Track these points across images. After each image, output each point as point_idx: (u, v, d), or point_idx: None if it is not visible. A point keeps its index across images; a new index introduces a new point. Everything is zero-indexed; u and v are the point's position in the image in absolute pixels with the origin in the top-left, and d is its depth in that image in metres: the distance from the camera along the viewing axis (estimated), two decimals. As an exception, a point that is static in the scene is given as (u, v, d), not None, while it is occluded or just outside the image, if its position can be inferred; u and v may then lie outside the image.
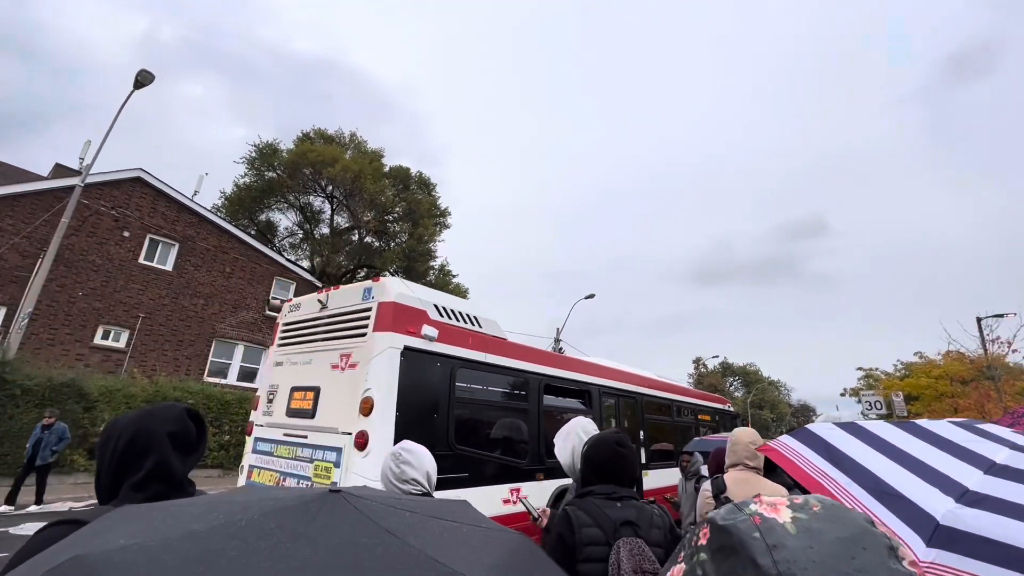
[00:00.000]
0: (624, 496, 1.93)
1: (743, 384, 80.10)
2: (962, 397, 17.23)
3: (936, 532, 0.81)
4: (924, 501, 0.86)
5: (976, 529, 0.79)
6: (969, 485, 0.86)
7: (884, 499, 0.90)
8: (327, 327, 5.10)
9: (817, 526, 0.45)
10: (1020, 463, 0.88)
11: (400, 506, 0.69)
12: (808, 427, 1.19)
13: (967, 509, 0.82)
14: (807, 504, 0.49)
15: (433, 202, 25.13)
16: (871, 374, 30.23)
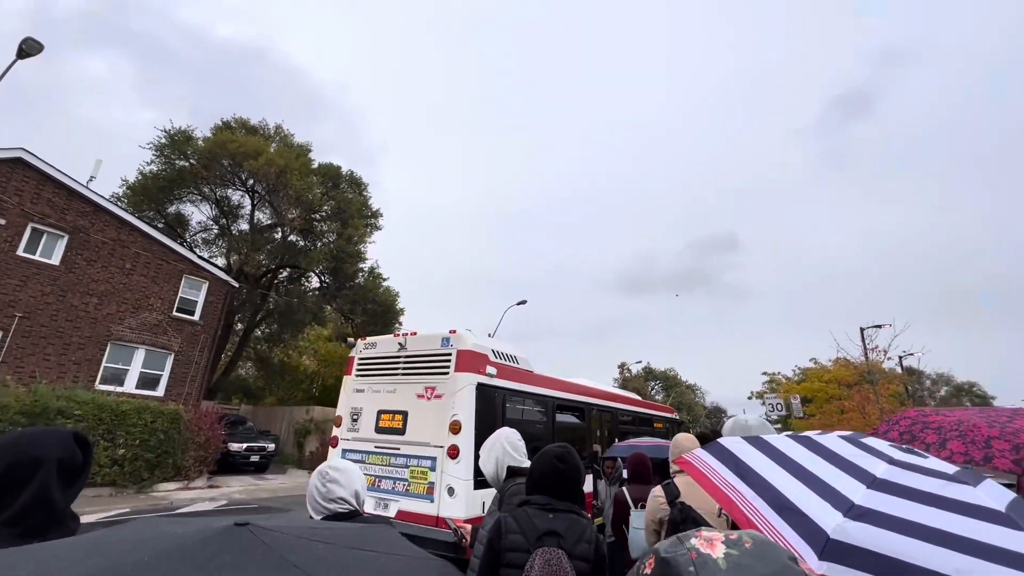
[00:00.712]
0: (559, 508, 1.99)
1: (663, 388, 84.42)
2: (847, 399, 19.34)
3: (827, 546, 0.88)
4: (817, 515, 0.94)
5: (861, 542, 0.87)
6: (855, 500, 0.95)
7: (784, 513, 0.98)
8: (408, 365, 6.59)
9: (745, 562, 0.50)
10: (896, 477, 0.99)
11: (314, 537, 0.66)
12: (720, 441, 1.27)
13: (853, 523, 0.90)
14: (740, 540, 0.55)
15: (364, 202, 24.32)
16: (774, 378, 33.05)
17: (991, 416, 3.49)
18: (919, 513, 0.89)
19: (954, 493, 0.93)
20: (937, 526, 0.86)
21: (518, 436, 2.99)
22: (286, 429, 20.87)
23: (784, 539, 0.93)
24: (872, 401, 17.32)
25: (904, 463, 1.04)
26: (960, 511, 0.88)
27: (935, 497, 0.92)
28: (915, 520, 0.88)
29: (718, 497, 1.09)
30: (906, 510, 0.90)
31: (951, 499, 0.91)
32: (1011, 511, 0.88)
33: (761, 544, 0.54)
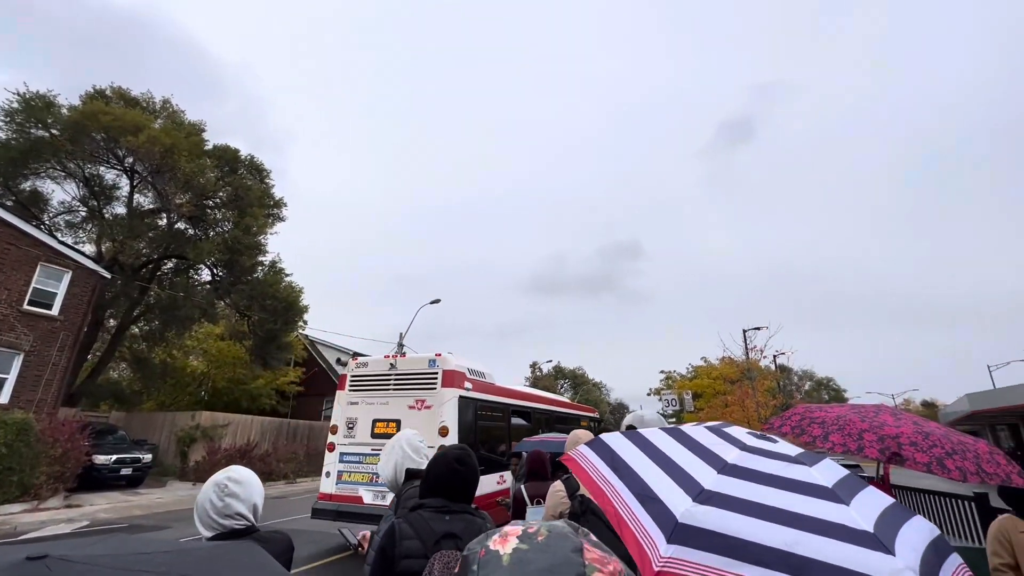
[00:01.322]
0: (455, 510, 1.97)
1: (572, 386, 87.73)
2: (730, 394, 21.47)
3: (675, 530, 0.94)
4: (671, 502, 1.01)
5: (705, 524, 0.94)
6: (705, 485, 1.03)
7: (645, 502, 1.03)
8: (399, 382, 7.99)
9: (530, 556, 0.51)
10: (744, 462, 1.10)
11: (140, 567, 0.57)
12: (601, 437, 1.32)
13: (700, 506, 0.97)
14: (536, 533, 0.56)
15: (266, 190, 22.56)
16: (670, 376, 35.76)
17: (862, 412, 4.08)
18: (759, 493, 0.99)
19: (792, 473, 1.05)
20: (773, 504, 0.96)
21: (420, 438, 2.93)
22: (167, 437, 18.79)
23: (642, 526, 0.98)
24: (751, 396, 19.40)
25: (754, 448, 1.15)
26: (794, 489, 1.00)
27: (775, 478, 1.03)
28: (755, 500, 0.97)
29: (592, 491, 1.14)
30: (748, 492, 0.99)
31: (788, 479, 1.03)
32: (837, 487, 1.01)
33: (555, 536, 0.55)
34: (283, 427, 21.87)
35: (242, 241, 20.29)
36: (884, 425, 3.71)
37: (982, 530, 4.62)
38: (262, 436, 20.39)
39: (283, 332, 22.57)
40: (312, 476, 20.44)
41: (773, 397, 21.08)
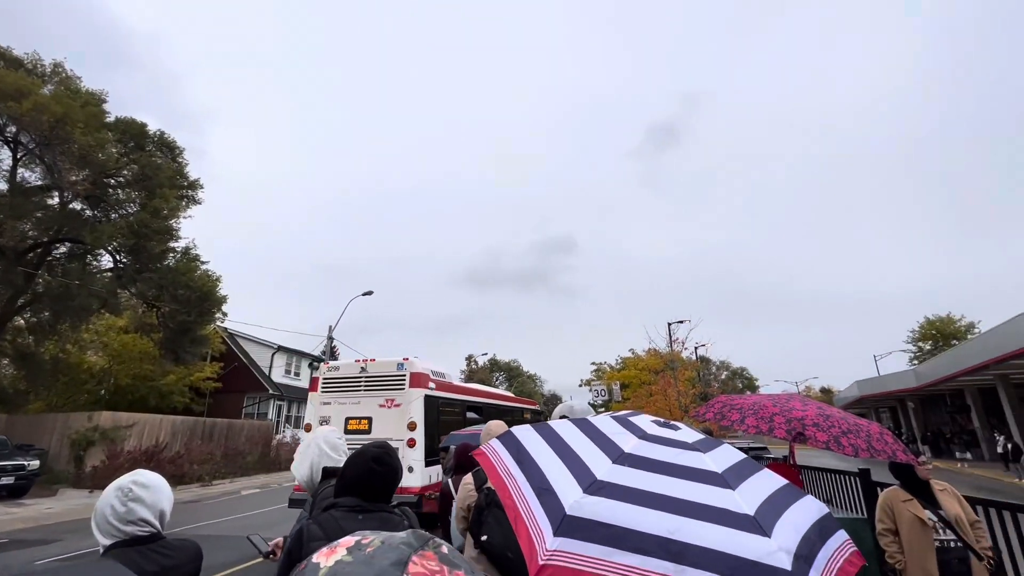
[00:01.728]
0: (369, 509, 1.88)
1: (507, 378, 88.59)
2: (654, 384, 22.60)
3: (563, 522, 0.92)
4: (563, 494, 0.99)
5: (593, 515, 0.92)
6: (598, 475, 1.02)
7: (541, 495, 1.02)
8: (369, 383, 8.81)
9: (348, 570, 0.48)
10: (640, 450, 1.10)
11: None
12: (512, 430, 1.30)
13: (590, 498, 0.96)
14: (367, 544, 0.52)
15: (179, 170, 20.71)
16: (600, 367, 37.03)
17: (775, 399, 4.53)
18: (649, 482, 0.99)
19: (685, 460, 1.06)
20: (661, 492, 0.97)
21: (338, 435, 2.80)
22: (58, 441, 16.89)
23: (535, 520, 0.96)
24: (673, 385, 20.54)
25: (654, 436, 1.16)
26: (684, 476, 1.01)
27: (667, 465, 1.04)
28: (644, 489, 0.98)
29: (496, 484, 1.11)
30: (639, 480, 1.00)
31: (680, 466, 1.05)
32: (727, 473, 1.04)
33: (384, 549, 0.51)
34: (198, 426, 20.35)
35: (150, 225, 18.51)
36: (792, 409, 4.13)
37: (864, 502, 5.16)
38: (173, 437, 18.85)
39: (198, 324, 20.92)
40: (231, 477, 19.20)
41: (693, 386, 22.46)
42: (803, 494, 1.11)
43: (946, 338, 39.19)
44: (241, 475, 19.99)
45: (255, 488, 17.35)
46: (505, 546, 2.58)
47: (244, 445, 21.64)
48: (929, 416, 33.75)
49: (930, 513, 3.52)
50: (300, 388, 33.06)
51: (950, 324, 40.61)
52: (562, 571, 0.88)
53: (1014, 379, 23.43)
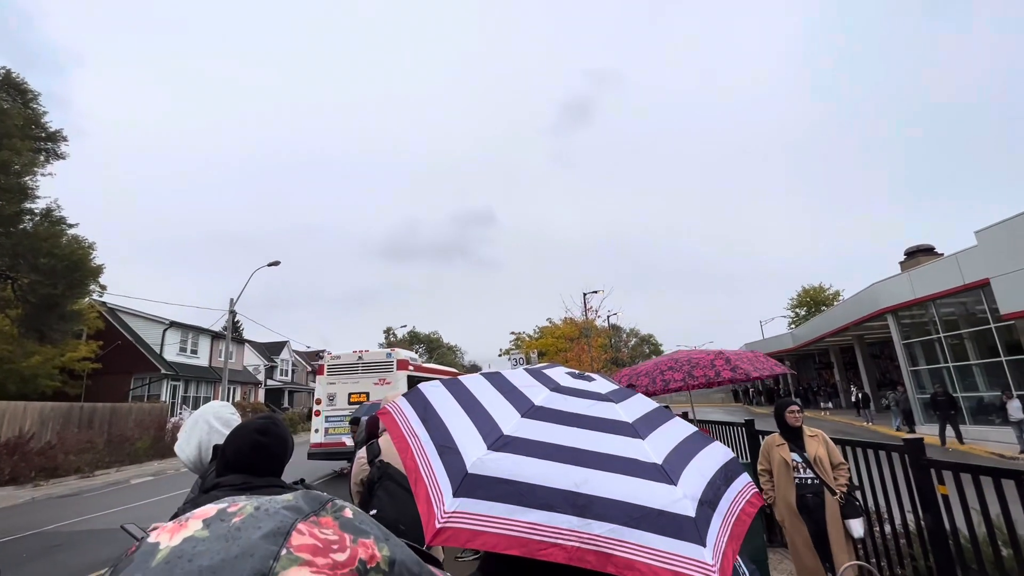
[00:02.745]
0: (257, 486, 1.73)
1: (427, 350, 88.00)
2: (569, 351, 23.59)
3: (464, 481, 0.87)
4: (466, 451, 0.93)
5: (496, 472, 0.87)
6: (505, 430, 0.96)
7: (444, 453, 0.95)
8: (365, 367, 12.07)
9: (200, 548, 0.35)
10: (551, 403, 1.05)
11: None
12: (419, 386, 1.20)
13: (494, 454, 0.91)
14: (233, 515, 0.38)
15: (34, 118, 17.61)
16: (519, 337, 37.87)
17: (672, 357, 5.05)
18: (558, 435, 0.96)
19: (596, 411, 1.04)
20: (569, 444, 0.94)
21: (231, 409, 2.55)
22: None
23: (435, 481, 0.91)
24: (587, 351, 21.58)
25: (567, 388, 1.12)
26: (594, 427, 1.00)
27: (578, 417, 1.02)
28: (552, 442, 0.94)
29: (399, 445, 1.04)
30: (548, 433, 0.96)
31: (591, 417, 1.03)
32: (638, 423, 1.04)
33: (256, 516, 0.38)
34: (73, 412, 18.08)
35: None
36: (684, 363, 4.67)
37: (749, 449, 5.75)
38: (42, 425, 16.60)
39: (67, 298, 18.29)
40: (118, 466, 17.39)
41: (605, 352, 23.74)
42: (711, 440, 1.15)
43: (817, 305, 44.58)
44: (131, 463, 18.17)
45: (148, 476, 15.87)
46: (396, 519, 2.54)
47: (132, 430, 19.62)
48: (801, 372, 38.55)
49: (796, 455, 4.05)
50: (198, 367, 30.41)
51: (821, 292, 46.18)
52: (461, 533, 0.84)
53: (868, 339, 27.34)
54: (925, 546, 3.58)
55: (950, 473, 3.33)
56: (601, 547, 0.80)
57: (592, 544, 0.81)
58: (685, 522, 0.83)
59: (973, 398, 16.72)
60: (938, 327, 17.87)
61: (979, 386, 16.55)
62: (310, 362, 49.35)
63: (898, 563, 3.95)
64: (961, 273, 15.96)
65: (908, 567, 3.87)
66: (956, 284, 16.23)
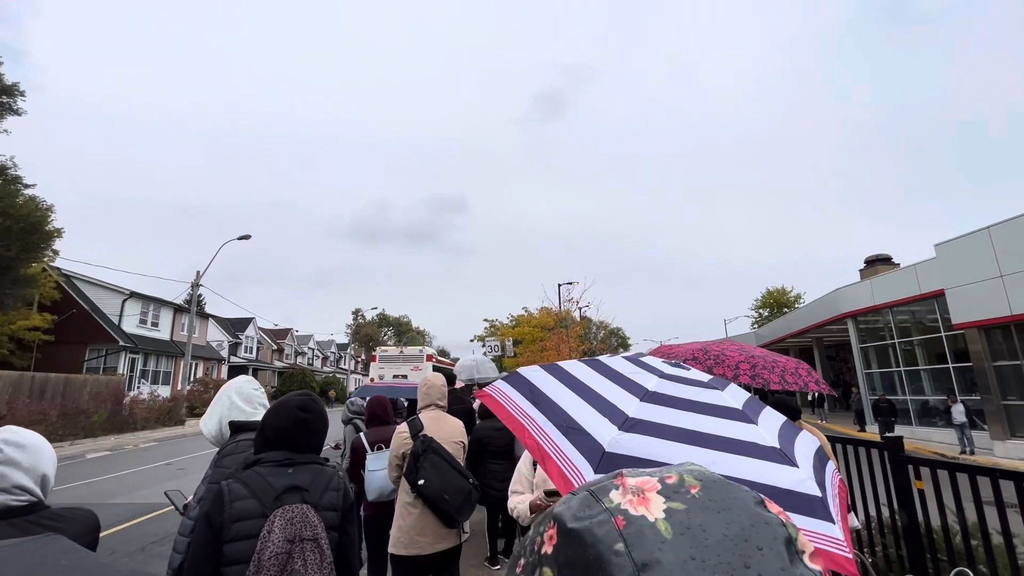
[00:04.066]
0: (300, 462, 1.75)
1: (396, 333, 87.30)
2: (547, 340, 23.83)
3: (603, 459, 0.94)
4: (597, 432, 0.99)
5: (631, 451, 0.95)
6: (629, 413, 1.04)
7: (570, 434, 1.00)
8: (404, 359, 17.02)
9: (698, 520, 0.34)
10: (664, 389, 1.13)
11: None
12: (519, 370, 1.26)
13: (626, 434, 0.98)
14: (682, 484, 0.37)
15: (-13, 68, 16.46)
16: (493, 324, 37.93)
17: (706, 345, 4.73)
18: (679, 418, 1.03)
19: (707, 398, 1.12)
20: (691, 428, 1.01)
21: (255, 385, 2.51)
22: None
23: (568, 459, 0.95)
24: (565, 341, 21.84)
25: (671, 376, 1.21)
26: (710, 412, 1.07)
27: (692, 403, 1.09)
28: (675, 425, 1.01)
29: (512, 426, 1.08)
30: (669, 417, 1.03)
31: (704, 403, 1.10)
32: (746, 408, 1.11)
33: (713, 487, 0.38)
34: (24, 382, 17.17)
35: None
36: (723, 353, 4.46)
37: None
38: (-11, 395, 15.73)
39: (21, 262, 17.29)
40: (72, 439, 16.66)
41: (582, 343, 24.10)
42: (800, 428, 1.23)
43: (780, 306, 46.30)
44: (85, 436, 17.44)
45: (104, 451, 15.29)
46: (442, 488, 2.74)
47: (88, 403, 18.78)
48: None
49: None
50: (159, 340, 29.30)
51: (784, 295, 47.95)
52: None
53: (826, 341, 28.64)
54: (898, 537, 3.84)
55: (927, 470, 3.57)
56: None
57: None
58: (815, 501, 0.88)
59: (919, 401, 17.80)
60: (892, 333, 18.87)
61: (926, 390, 17.61)
62: (276, 340, 48.22)
63: (871, 552, 4.23)
64: (918, 283, 16.87)
65: (880, 556, 4.14)
66: (913, 293, 17.16)
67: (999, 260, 13.77)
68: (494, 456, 4.58)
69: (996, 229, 13.94)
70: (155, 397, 22.15)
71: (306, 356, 54.82)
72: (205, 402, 25.08)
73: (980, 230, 14.39)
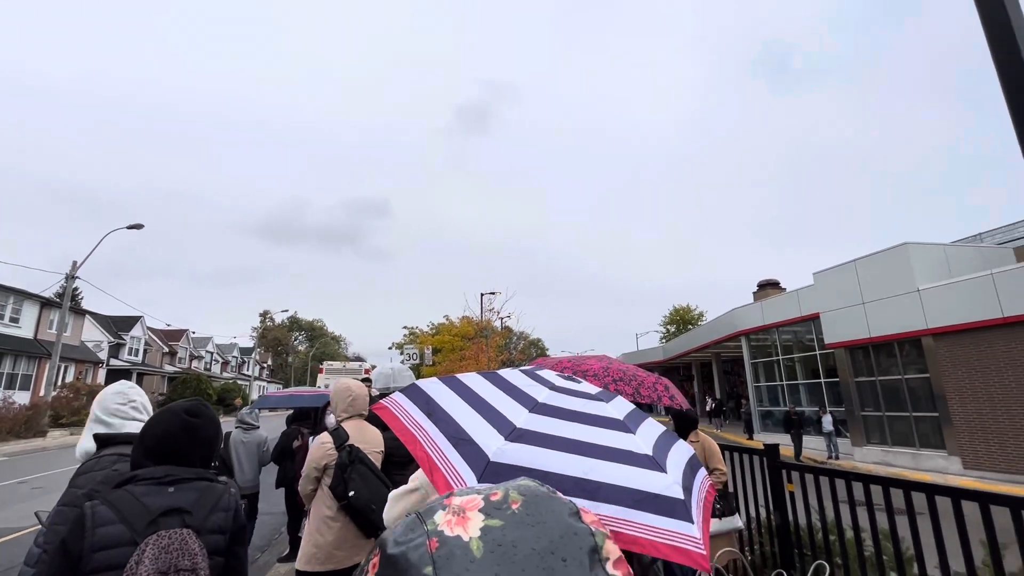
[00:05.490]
0: (185, 478, 1.55)
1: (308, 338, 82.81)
2: (467, 349, 23.83)
3: (487, 468, 0.97)
4: (484, 442, 1.02)
5: (514, 461, 0.98)
6: (517, 424, 1.08)
7: (459, 444, 1.02)
8: (348, 371, 18.83)
9: (512, 536, 0.35)
10: (554, 400, 1.19)
11: None
12: (416, 383, 1.25)
13: (511, 444, 1.02)
14: (506, 500, 0.39)
15: None
16: (413, 331, 37.25)
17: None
18: (563, 428, 1.09)
19: (591, 409, 1.19)
20: (575, 437, 1.07)
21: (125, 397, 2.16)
22: None
23: (455, 469, 0.97)
24: (484, 351, 21.97)
25: (562, 388, 1.27)
26: (593, 423, 1.13)
27: (578, 413, 1.15)
28: (559, 435, 1.07)
29: (404, 438, 1.07)
30: (555, 427, 1.09)
31: (589, 414, 1.16)
32: (627, 419, 1.19)
33: (535, 500, 0.39)
34: None
35: None
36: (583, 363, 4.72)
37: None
38: None
39: None
40: None
41: (501, 353, 24.36)
42: (676, 437, 1.33)
43: (685, 323, 49.90)
44: (-91, 451, 14.66)
45: (-64, 467, 12.94)
46: (370, 499, 2.71)
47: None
48: (667, 383, 42.86)
49: None
50: (19, 338, 25.42)
51: (689, 312, 51.79)
52: None
53: (723, 356, 31.22)
54: (773, 535, 4.24)
55: (797, 474, 4.00)
56: (610, 526, 0.91)
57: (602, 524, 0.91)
58: (677, 504, 0.97)
59: (797, 412, 19.97)
60: (778, 350, 21.03)
61: (803, 402, 19.78)
62: (168, 342, 43.77)
63: (751, 550, 4.63)
64: (800, 306, 18.99)
65: (756, 553, 4.55)
66: (795, 315, 19.26)
67: (862, 289, 15.88)
68: (397, 466, 4.51)
69: (861, 262, 16.07)
70: (10, 404, 19.17)
71: (203, 360, 50.24)
72: (74, 411, 22.12)
73: (848, 262, 16.52)
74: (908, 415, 14.87)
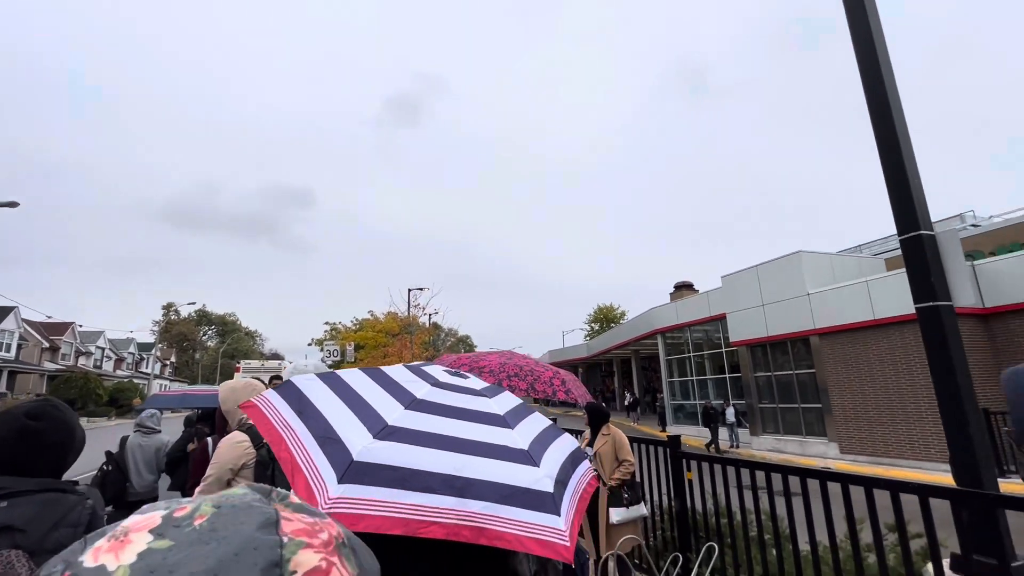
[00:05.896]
0: (19, 491, 1.32)
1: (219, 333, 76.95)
2: (391, 346, 23.21)
3: (349, 469, 0.92)
4: (351, 441, 0.97)
5: (381, 460, 0.94)
6: (389, 420, 1.03)
7: (325, 444, 0.96)
8: (266, 370, 21.19)
9: (174, 559, 0.31)
10: (433, 397, 1.14)
11: None
12: (291, 379, 1.16)
13: (379, 442, 0.97)
14: (191, 515, 0.35)
15: None
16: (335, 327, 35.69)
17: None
18: (439, 425, 1.06)
19: (473, 405, 1.16)
20: (451, 434, 1.04)
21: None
22: None
23: (315, 470, 0.93)
24: (409, 348, 21.49)
25: (445, 384, 1.23)
26: (473, 419, 1.11)
27: (457, 409, 1.13)
28: (435, 432, 1.04)
29: (270, 436, 1.00)
30: (430, 424, 1.06)
31: (469, 410, 1.14)
32: (508, 415, 1.18)
33: (229, 513, 0.36)
34: None
35: None
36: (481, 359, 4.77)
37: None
38: None
39: None
40: None
41: (426, 350, 23.94)
42: (562, 432, 1.35)
43: (608, 321, 51.95)
44: None
45: None
46: None
47: None
48: (591, 379, 44.40)
49: (588, 449, 4.72)
50: None
51: (611, 311, 53.99)
52: (345, 517, 0.86)
53: (642, 353, 32.88)
54: (673, 520, 4.50)
55: (695, 462, 4.27)
56: (476, 523, 0.91)
57: (468, 520, 0.91)
58: (545, 497, 0.98)
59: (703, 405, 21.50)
60: (690, 347, 22.49)
61: (710, 396, 21.31)
62: (49, 336, 38.77)
63: (654, 536, 4.89)
64: (709, 307, 20.41)
65: (658, 538, 4.82)
66: (705, 315, 20.69)
67: (763, 292, 17.36)
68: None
69: (762, 267, 17.56)
70: None
71: (92, 356, 45.03)
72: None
73: (751, 267, 17.99)
74: (797, 407, 16.49)
